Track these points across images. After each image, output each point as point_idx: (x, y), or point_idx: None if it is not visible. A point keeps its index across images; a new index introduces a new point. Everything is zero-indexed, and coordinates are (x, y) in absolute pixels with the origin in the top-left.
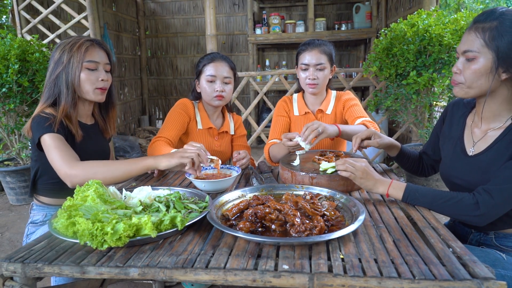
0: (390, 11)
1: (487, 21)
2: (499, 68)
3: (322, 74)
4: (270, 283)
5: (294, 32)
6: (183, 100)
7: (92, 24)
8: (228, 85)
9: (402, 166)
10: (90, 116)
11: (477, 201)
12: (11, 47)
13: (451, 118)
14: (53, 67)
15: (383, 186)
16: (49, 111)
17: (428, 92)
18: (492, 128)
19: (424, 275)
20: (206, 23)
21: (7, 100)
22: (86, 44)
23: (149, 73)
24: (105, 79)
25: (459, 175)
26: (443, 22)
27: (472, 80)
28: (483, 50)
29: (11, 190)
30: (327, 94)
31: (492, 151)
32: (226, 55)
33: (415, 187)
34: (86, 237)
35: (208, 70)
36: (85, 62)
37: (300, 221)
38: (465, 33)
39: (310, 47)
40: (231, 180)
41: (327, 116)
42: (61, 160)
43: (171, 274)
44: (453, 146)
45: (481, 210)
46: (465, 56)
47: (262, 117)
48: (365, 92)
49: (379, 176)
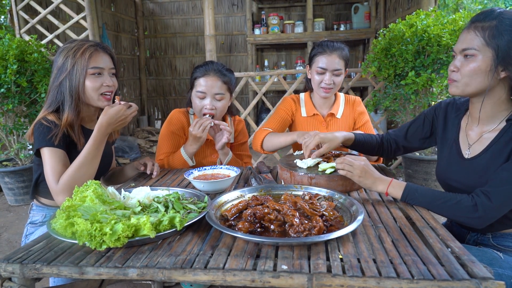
0: (389, 11)
1: (487, 20)
2: (498, 67)
3: (338, 80)
4: (269, 283)
5: (293, 33)
6: (174, 114)
7: (90, 24)
8: (221, 101)
9: (357, 151)
10: (95, 121)
11: (475, 203)
12: (10, 47)
13: (445, 119)
14: (56, 73)
15: (382, 184)
16: (52, 118)
17: (426, 92)
18: (487, 131)
19: (423, 275)
20: (205, 23)
21: (6, 100)
22: (90, 50)
23: (148, 73)
24: (110, 84)
25: (456, 178)
26: (441, 23)
27: (470, 78)
28: (483, 48)
29: (10, 191)
30: (336, 98)
31: (488, 153)
32: (223, 65)
33: (415, 187)
34: (85, 237)
35: (198, 85)
36: (89, 69)
37: (299, 221)
38: (463, 32)
39: (328, 51)
40: (230, 181)
41: (336, 120)
42: (52, 179)
43: (170, 274)
44: (449, 149)
45: (479, 213)
46: (463, 54)
47: (261, 117)
48: (363, 92)
49: (378, 174)
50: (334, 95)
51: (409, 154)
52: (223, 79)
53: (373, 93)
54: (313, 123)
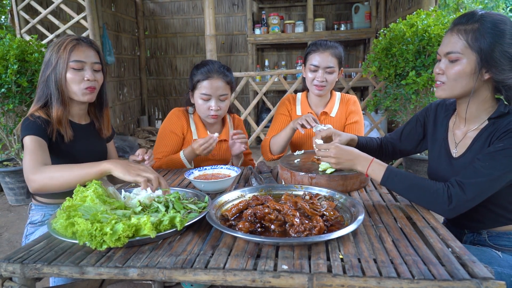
0: (389, 11)
1: (469, 23)
2: (482, 69)
3: (331, 77)
4: (269, 283)
5: (293, 32)
6: (174, 113)
7: (91, 24)
8: (224, 101)
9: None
10: (85, 116)
11: (450, 195)
12: (10, 47)
13: (435, 120)
14: (43, 68)
15: (361, 164)
16: (39, 114)
17: (427, 92)
18: (471, 129)
19: (423, 275)
20: (205, 23)
21: (6, 100)
22: (72, 43)
23: (149, 73)
24: (91, 78)
25: (446, 176)
26: (442, 22)
27: (456, 81)
28: (466, 51)
29: (10, 191)
30: (332, 96)
31: (472, 151)
32: (222, 64)
33: (395, 171)
34: (85, 237)
35: (202, 88)
36: (70, 62)
37: (299, 221)
38: (446, 35)
39: (321, 49)
40: (230, 180)
41: (330, 119)
42: (28, 164)
43: (170, 274)
44: (438, 149)
45: (453, 204)
46: (448, 58)
47: (261, 117)
48: (364, 92)
49: (357, 152)
50: (330, 94)
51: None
52: (226, 79)
53: (374, 93)
54: None
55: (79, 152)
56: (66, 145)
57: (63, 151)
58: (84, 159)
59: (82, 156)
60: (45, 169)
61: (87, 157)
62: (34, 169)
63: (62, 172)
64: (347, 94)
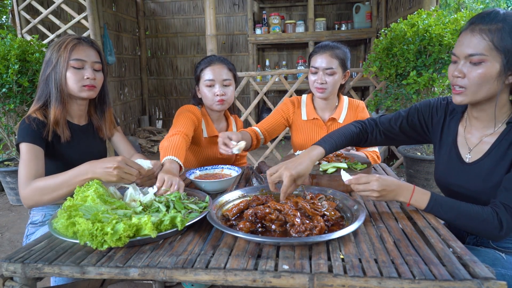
0: (390, 11)
1: (493, 22)
2: (507, 72)
3: (331, 79)
4: (270, 283)
5: (294, 32)
6: (188, 106)
7: (92, 24)
8: (229, 87)
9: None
10: (84, 117)
11: (500, 221)
12: (11, 47)
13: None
14: (44, 67)
15: (403, 195)
16: (35, 116)
17: (428, 92)
18: (487, 134)
19: (424, 275)
20: (206, 23)
21: (7, 100)
22: (73, 42)
23: (149, 73)
24: (91, 77)
25: (458, 182)
26: (443, 22)
27: (480, 85)
28: (491, 53)
29: (11, 190)
30: (340, 101)
31: (490, 157)
32: (223, 56)
33: (440, 200)
34: (86, 237)
35: (206, 74)
36: (71, 61)
37: (300, 221)
38: (465, 35)
39: (321, 50)
40: (231, 180)
41: (338, 125)
42: (20, 177)
43: (171, 274)
44: (447, 152)
45: (504, 230)
46: (469, 60)
47: (262, 117)
48: (365, 92)
49: (398, 182)
50: (338, 98)
51: (410, 154)
52: (228, 66)
53: (375, 93)
54: (313, 127)
55: (77, 152)
56: (63, 146)
57: (59, 152)
58: (81, 160)
59: (79, 157)
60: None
61: (84, 158)
62: (24, 185)
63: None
64: (355, 100)
